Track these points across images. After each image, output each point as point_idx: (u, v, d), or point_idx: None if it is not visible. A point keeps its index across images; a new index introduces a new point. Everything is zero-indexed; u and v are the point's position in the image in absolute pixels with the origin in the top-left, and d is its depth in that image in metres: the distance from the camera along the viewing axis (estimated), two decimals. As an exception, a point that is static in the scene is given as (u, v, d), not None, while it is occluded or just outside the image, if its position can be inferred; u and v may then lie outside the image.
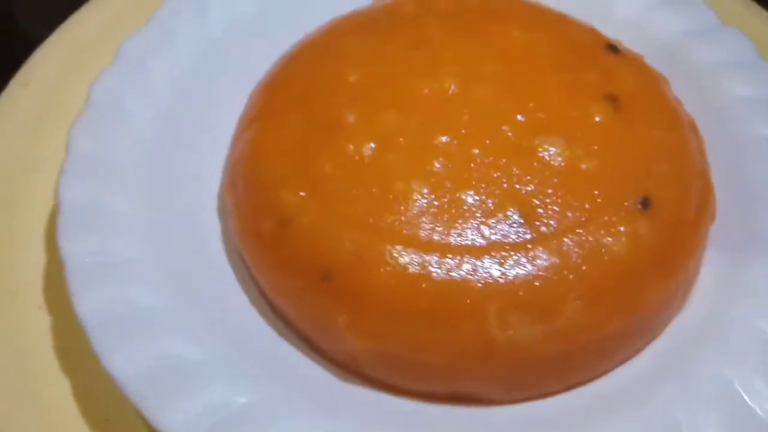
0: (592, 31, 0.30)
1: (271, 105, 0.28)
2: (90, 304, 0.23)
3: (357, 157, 0.25)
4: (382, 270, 0.22)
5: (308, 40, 0.29)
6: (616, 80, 0.27)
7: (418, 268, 0.22)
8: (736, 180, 0.27)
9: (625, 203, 0.24)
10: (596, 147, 0.25)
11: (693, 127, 0.28)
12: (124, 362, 0.22)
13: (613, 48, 0.29)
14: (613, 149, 0.25)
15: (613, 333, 0.23)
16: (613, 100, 0.26)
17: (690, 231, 0.24)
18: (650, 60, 0.29)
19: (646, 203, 0.24)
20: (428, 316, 0.22)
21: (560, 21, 0.30)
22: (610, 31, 0.29)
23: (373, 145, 0.25)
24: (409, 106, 0.26)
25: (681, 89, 0.28)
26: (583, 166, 0.24)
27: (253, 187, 0.26)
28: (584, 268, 0.22)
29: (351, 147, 0.25)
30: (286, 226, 0.24)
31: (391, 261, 0.22)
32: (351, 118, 0.26)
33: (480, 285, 0.22)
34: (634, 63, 0.29)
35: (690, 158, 0.26)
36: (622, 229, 0.23)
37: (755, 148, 0.27)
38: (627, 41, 0.29)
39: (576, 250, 0.22)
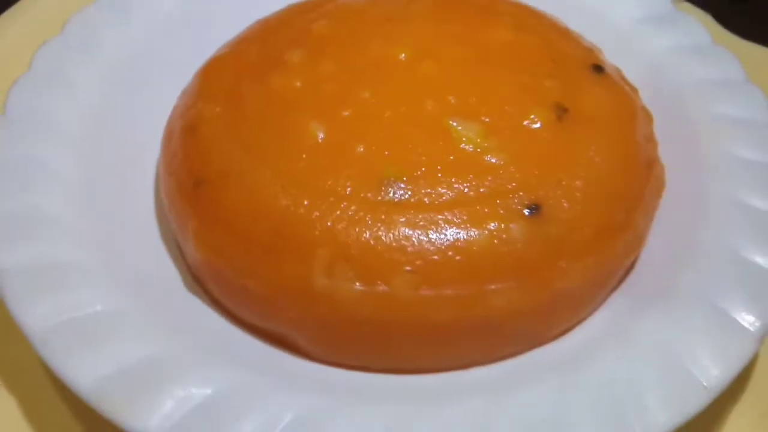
0: (589, 50, 0.28)
1: (246, 36, 0.29)
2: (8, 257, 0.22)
3: (277, 90, 0.25)
4: (240, 187, 0.22)
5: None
6: (579, 95, 0.25)
7: (271, 195, 0.22)
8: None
9: (510, 202, 0.22)
10: (513, 145, 0.23)
11: (649, 166, 0.25)
12: (35, 317, 0.21)
13: (598, 68, 0.27)
14: (530, 153, 0.23)
15: (443, 324, 0.21)
16: (560, 110, 0.25)
17: (579, 256, 0.22)
18: (633, 73, 0.28)
19: (534, 209, 0.22)
20: (262, 243, 0.22)
21: (558, 32, 0.28)
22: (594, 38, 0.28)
23: (298, 84, 0.25)
24: (353, 61, 0.26)
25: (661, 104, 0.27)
26: (488, 158, 0.23)
27: (188, 95, 0.27)
28: (427, 246, 0.21)
29: (277, 80, 0.25)
30: (191, 131, 0.25)
31: (251, 182, 0.22)
32: (294, 59, 0.26)
33: (319, 228, 0.21)
34: (616, 90, 0.27)
35: (620, 191, 0.23)
36: (492, 225, 0.21)
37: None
38: (612, 51, 0.28)
39: (429, 226, 0.21)
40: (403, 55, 0.26)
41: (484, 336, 0.21)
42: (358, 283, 0.21)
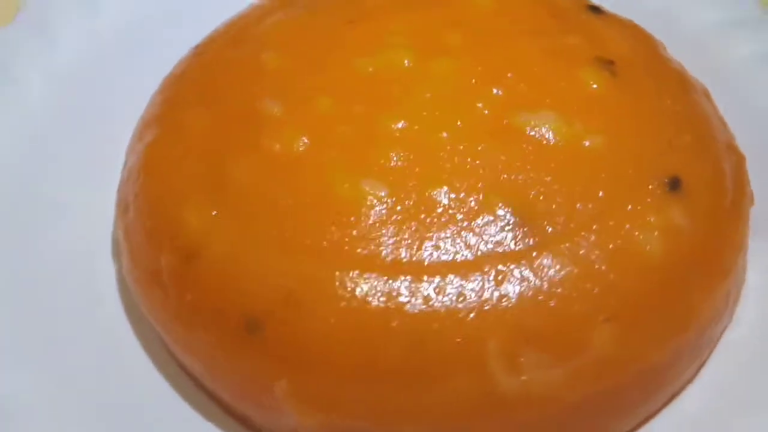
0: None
1: (173, 103, 0.21)
2: None
3: (284, 157, 0.18)
4: (332, 308, 0.16)
5: (220, 27, 0.23)
6: (606, 43, 0.22)
7: (383, 300, 0.16)
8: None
9: (650, 186, 0.18)
10: (599, 119, 0.19)
11: (706, 94, 0.22)
12: None
13: (595, 9, 0.24)
14: (620, 120, 0.19)
15: (656, 361, 0.16)
16: (607, 63, 0.21)
17: (731, 216, 0.19)
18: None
19: (675, 183, 0.18)
20: (403, 369, 0.15)
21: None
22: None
23: (305, 140, 0.18)
24: (349, 88, 0.20)
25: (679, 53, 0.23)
26: (587, 143, 0.18)
27: (148, 209, 0.19)
28: (612, 276, 0.16)
29: (277, 145, 0.18)
30: (192, 259, 0.17)
31: (343, 294, 0.16)
32: (275, 109, 0.19)
33: (473, 315, 0.15)
34: (623, 25, 0.23)
35: (712, 128, 0.20)
36: (651, 219, 0.17)
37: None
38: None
39: (597, 253, 0.16)
40: (407, 60, 0.20)
41: (691, 359, 0.17)
42: (559, 365, 0.15)
